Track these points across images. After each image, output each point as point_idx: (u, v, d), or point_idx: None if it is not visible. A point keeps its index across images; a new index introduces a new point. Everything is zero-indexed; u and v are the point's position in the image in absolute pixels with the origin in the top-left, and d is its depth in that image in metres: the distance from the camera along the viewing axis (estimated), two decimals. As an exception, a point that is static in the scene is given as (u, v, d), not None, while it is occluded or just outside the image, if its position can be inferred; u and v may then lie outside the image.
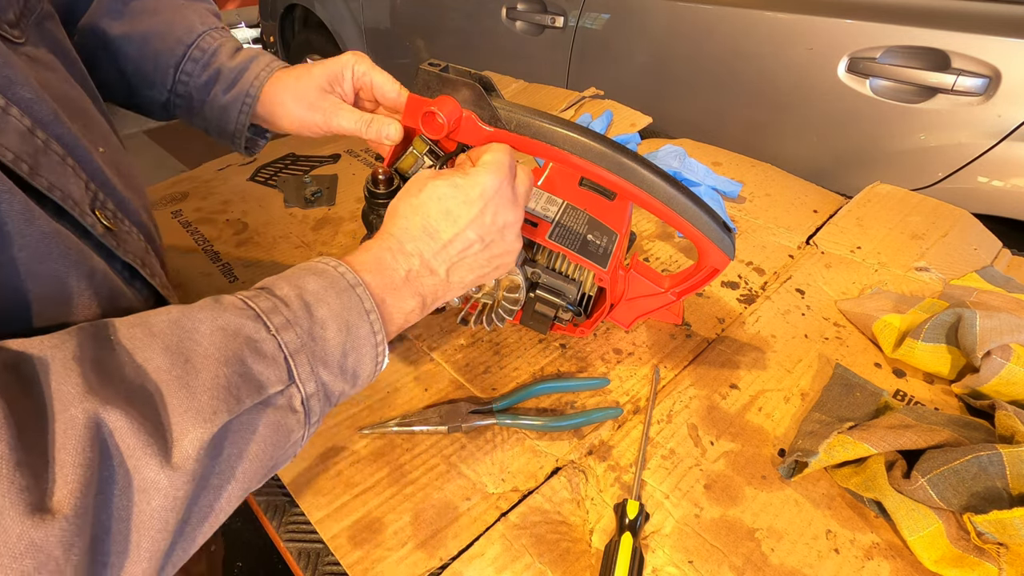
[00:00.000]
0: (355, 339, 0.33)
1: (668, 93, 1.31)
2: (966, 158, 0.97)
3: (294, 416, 0.30)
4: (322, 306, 0.32)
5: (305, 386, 0.30)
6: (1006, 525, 0.37)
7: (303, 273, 0.33)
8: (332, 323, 0.32)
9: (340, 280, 0.33)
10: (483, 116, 0.46)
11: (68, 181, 0.31)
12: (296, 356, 0.30)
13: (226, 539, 1.27)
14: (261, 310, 0.30)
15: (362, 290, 0.33)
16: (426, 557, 0.41)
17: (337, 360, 0.32)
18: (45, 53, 0.36)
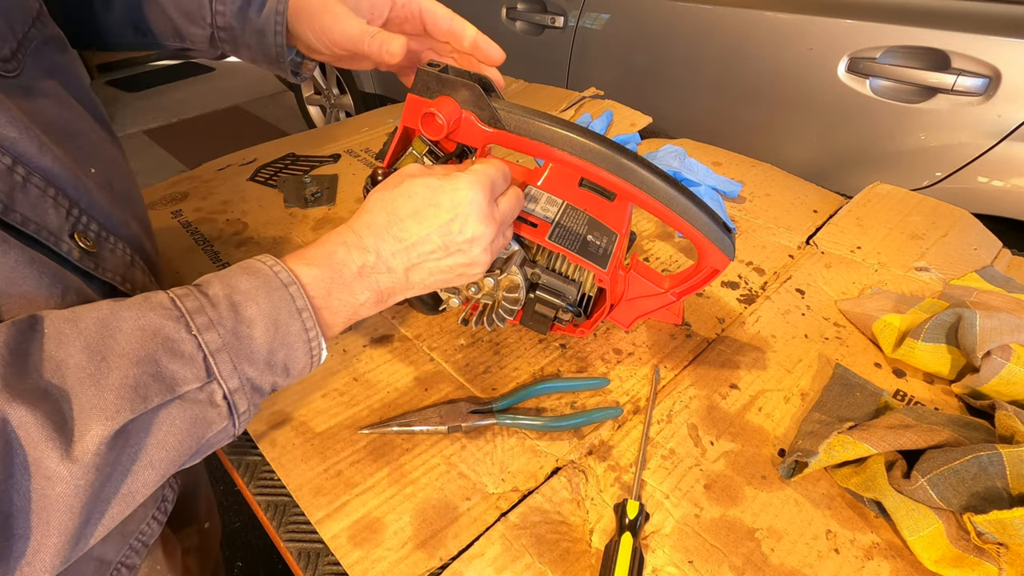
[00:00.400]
0: (284, 336, 0.34)
1: (668, 93, 1.31)
2: (966, 158, 0.97)
3: (215, 409, 0.32)
4: (251, 305, 0.33)
5: (227, 382, 0.32)
6: (1006, 525, 0.37)
7: (238, 272, 0.35)
8: (260, 322, 0.33)
9: (273, 279, 0.34)
10: (483, 117, 0.46)
11: (46, 212, 0.34)
12: (217, 355, 0.31)
13: (226, 539, 1.28)
14: (186, 310, 0.31)
15: (295, 289, 0.35)
16: (426, 557, 0.41)
17: (264, 357, 0.33)
18: (41, 79, 0.37)
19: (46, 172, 0.34)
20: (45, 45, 0.39)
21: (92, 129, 0.42)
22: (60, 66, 0.40)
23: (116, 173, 0.42)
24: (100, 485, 0.28)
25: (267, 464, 0.47)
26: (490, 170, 0.41)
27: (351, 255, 0.38)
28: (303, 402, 0.52)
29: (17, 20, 0.36)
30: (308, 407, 0.52)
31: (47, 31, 0.40)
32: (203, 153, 1.09)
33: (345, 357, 0.57)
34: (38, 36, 0.38)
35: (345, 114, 2.57)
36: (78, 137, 0.39)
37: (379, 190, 0.40)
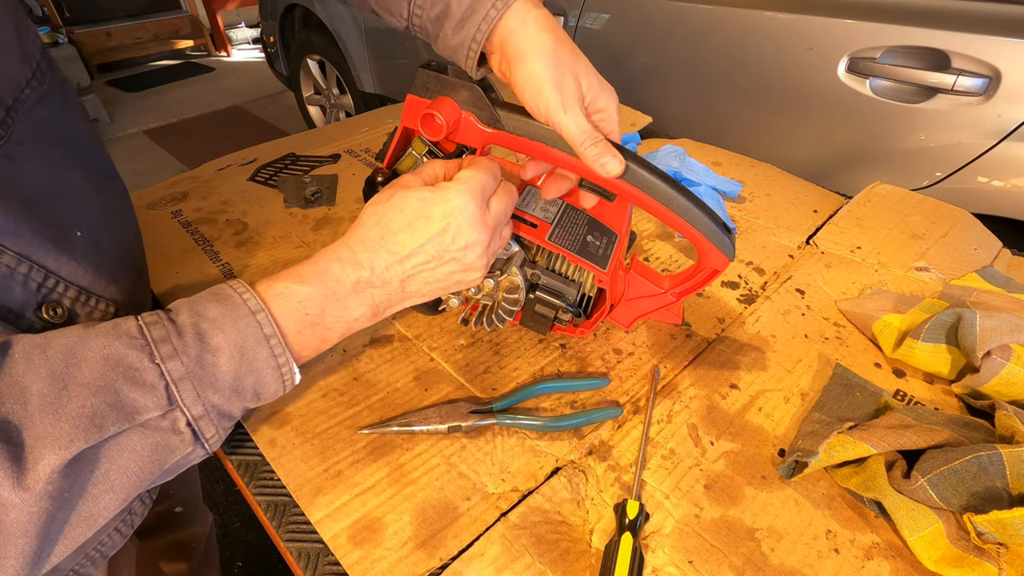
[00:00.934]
0: (251, 363, 0.34)
1: (668, 93, 1.31)
2: (966, 158, 0.97)
3: (178, 436, 0.33)
4: (217, 334, 0.33)
5: (190, 410, 0.32)
6: (1006, 525, 0.37)
7: (208, 299, 0.35)
8: (225, 350, 0.33)
9: (241, 307, 0.34)
10: (482, 117, 0.46)
11: (10, 291, 0.34)
12: (180, 383, 0.32)
13: (226, 539, 1.28)
14: (152, 339, 0.32)
15: (263, 316, 0.35)
16: (426, 557, 0.41)
17: (229, 384, 0.34)
18: (29, 143, 0.36)
19: (23, 249, 0.34)
20: (39, 102, 0.38)
21: (84, 182, 0.41)
22: (53, 121, 0.39)
23: (106, 226, 0.42)
24: (55, 511, 0.29)
25: (267, 464, 0.47)
26: (479, 175, 0.40)
27: (345, 271, 0.38)
28: (303, 402, 0.52)
29: (7, 90, 0.35)
30: (308, 407, 0.52)
31: (44, 88, 0.38)
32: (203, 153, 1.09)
33: (345, 357, 0.57)
34: (32, 96, 0.37)
35: (345, 114, 2.57)
36: (65, 198, 0.39)
37: (372, 204, 0.40)
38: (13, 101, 0.35)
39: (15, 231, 0.33)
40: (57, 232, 0.36)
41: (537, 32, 0.42)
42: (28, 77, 0.37)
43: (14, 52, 0.36)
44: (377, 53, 2.11)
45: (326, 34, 2.28)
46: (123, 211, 0.47)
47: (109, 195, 0.44)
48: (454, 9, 0.43)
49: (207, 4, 4.89)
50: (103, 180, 0.44)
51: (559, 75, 0.41)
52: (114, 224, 0.44)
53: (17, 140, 0.35)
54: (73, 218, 0.39)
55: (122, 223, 0.46)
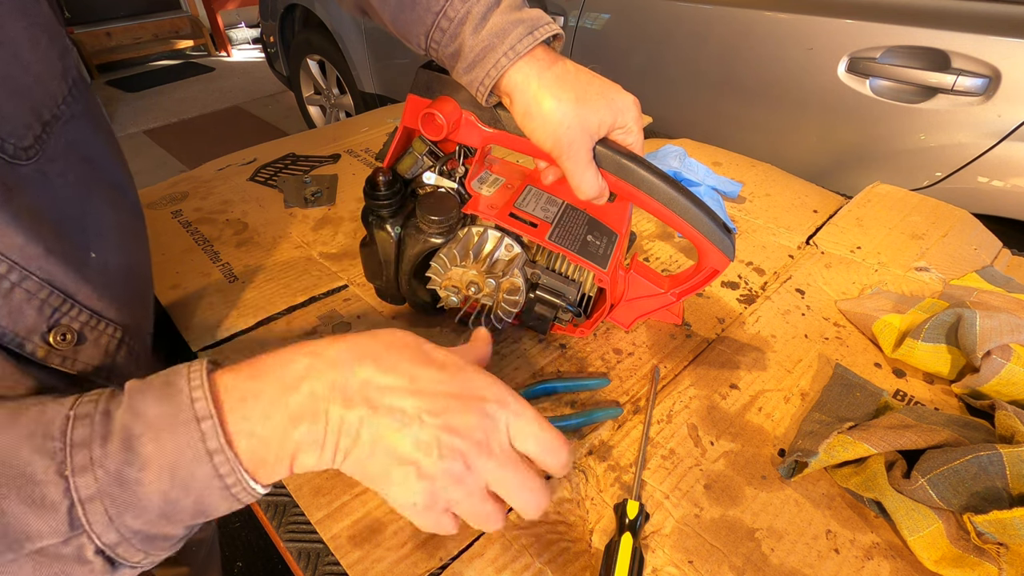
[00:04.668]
0: (186, 482, 0.27)
1: (668, 93, 1.31)
2: (966, 158, 0.97)
3: (84, 567, 0.27)
4: (149, 442, 0.27)
5: (101, 537, 0.26)
6: (1006, 525, 0.37)
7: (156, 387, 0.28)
8: (154, 464, 0.27)
9: (185, 409, 0.27)
10: (483, 117, 0.46)
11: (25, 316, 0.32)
12: (87, 504, 0.26)
13: (226, 539, 1.28)
14: (70, 442, 0.26)
15: (209, 425, 0.27)
16: (426, 557, 0.41)
17: (157, 507, 0.27)
18: (58, 160, 0.35)
19: (47, 275, 0.32)
20: (72, 119, 0.37)
21: (103, 202, 0.40)
22: (83, 139, 0.38)
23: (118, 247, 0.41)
24: None
25: (267, 464, 0.47)
26: None
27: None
28: (303, 402, 0.52)
29: (46, 105, 0.34)
30: (308, 407, 0.52)
31: (78, 106, 0.38)
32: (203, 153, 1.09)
33: (345, 357, 0.57)
34: (67, 113, 0.36)
35: (345, 114, 2.57)
36: (85, 218, 0.37)
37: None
38: (50, 117, 0.35)
39: (44, 255, 0.32)
40: (76, 254, 0.35)
41: (540, 90, 0.42)
42: (64, 94, 0.37)
43: (56, 70, 0.36)
44: (377, 53, 2.11)
45: (326, 34, 2.28)
46: (135, 231, 0.45)
47: (124, 215, 0.43)
48: (466, 52, 0.43)
49: (207, 4, 4.89)
50: (120, 198, 0.43)
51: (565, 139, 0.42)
52: (124, 244, 0.42)
53: (51, 156, 0.34)
54: (90, 239, 0.37)
55: (132, 243, 0.44)
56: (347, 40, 2.17)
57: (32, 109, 0.33)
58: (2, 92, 0.31)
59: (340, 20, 2.16)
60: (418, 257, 0.52)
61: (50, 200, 0.34)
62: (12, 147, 0.31)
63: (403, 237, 0.52)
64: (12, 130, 0.32)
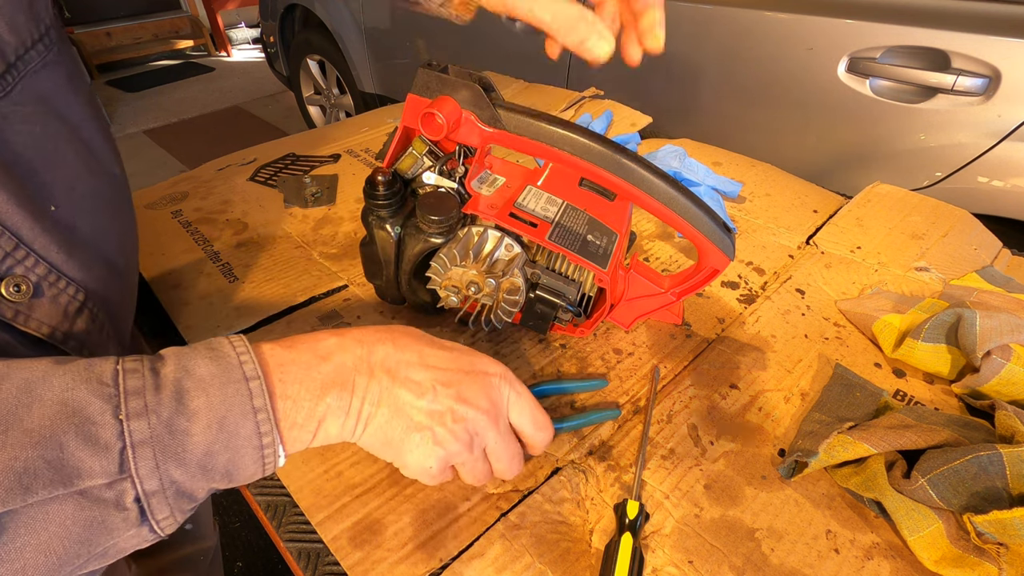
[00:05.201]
0: (229, 438, 0.29)
1: (668, 93, 1.31)
2: (966, 158, 0.97)
3: (120, 514, 0.27)
4: (199, 396, 0.28)
5: (144, 482, 0.27)
6: (1006, 525, 0.37)
7: (202, 353, 0.30)
8: (203, 416, 0.28)
9: (235, 369, 0.30)
10: (483, 117, 0.46)
11: None
12: (139, 448, 0.27)
13: (226, 539, 1.28)
14: (124, 389, 0.27)
15: (257, 384, 0.30)
16: (426, 558, 0.41)
17: (198, 459, 0.28)
18: (26, 105, 0.35)
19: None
20: (45, 68, 0.37)
21: (78, 163, 0.39)
22: (58, 95, 0.38)
23: (91, 211, 0.40)
24: None
25: (267, 464, 0.47)
26: None
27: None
28: (303, 402, 0.52)
29: (9, 43, 0.34)
30: (308, 407, 0.52)
31: (50, 55, 0.37)
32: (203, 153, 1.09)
33: (345, 357, 0.57)
34: (37, 59, 0.36)
35: (345, 114, 2.58)
36: (52, 171, 0.37)
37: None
38: (15, 59, 0.34)
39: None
40: (34, 202, 0.34)
41: None
42: (35, 38, 0.36)
43: (23, 5, 0.35)
44: (377, 53, 2.11)
45: (326, 34, 2.28)
46: (116, 204, 0.44)
47: (103, 183, 0.42)
48: None
49: (207, 4, 4.89)
50: (100, 166, 0.42)
51: None
52: (99, 212, 0.41)
53: (17, 101, 0.34)
54: (54, 192, 0.36)
55: (109, 213, 0.43)
56: (347, 40, 2.17)
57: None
58: None
59: (340, 20, 2.16)
60: (418, 257, 0.52)
61: (9, 144, 0.33)
62: None
63: (403, 237, 0.52)
64: None
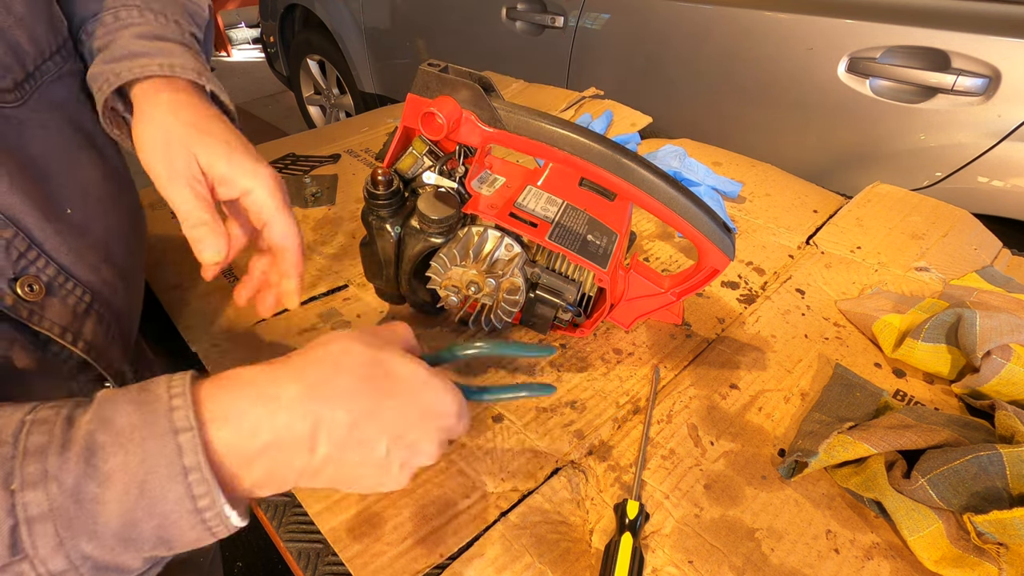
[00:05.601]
0: (153, 504, 0.24)
1: (668, 93, 1.31)
2: (966, 158, 0.97)
3: None
4: (116, 454, 0.23)
5: (47, 563, 0.23)
6: (1006, 525, 0.37)
7: (130, 395, 0.25)
8: (119, 480, 0.23)
9: (161, 420, 0.24)
10: (483, 116, 0.46)
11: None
12: (35, 524, 0.22)
13: (226, 539, 1.28)
14: (24, 450, 0.23)
15: (188, 438, 0.24)
16: (426, 553, 0.41)
17: (114, 531, 0.24)
18: (43, 113, 0.36)
19: (11, 212, 0.32)
20: (61, 78, 0.38)
21: (90, 168, 0.40)
22: (72, 101, 0.39)
23: (102, 214, 0.40)
24: None
25: (267, 464, 0.47)
26: None
27: None
28: (303, 402, 0.52)
29: (29, 53, 0.35)
30: (308, 407, 0.52)
31: (67, 66, 0.39)
32: (203, 153, 1.08)
33: (345, 357, 0.57)
34: (54, 70, 0.37)
35: (345, 114, 2.57)
36: (65, 175, 0.37)
37: None
38: (34, 68, 0.35)
39: (7, 190, 0.32)
40: (48, 204, 0.35)
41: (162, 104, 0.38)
42: (53, 50, 0.37)
43: (42, 15, 0.36)
44: (377, 53, 2.11)
45: (326, 34, 2.27)
46: (127, 210, 0.45)
47: (115, 189, 0.42)
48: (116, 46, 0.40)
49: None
50: (113, 173, 0.43)
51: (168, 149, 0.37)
52: (111, 216, 0.42)
53: (34, 108, 0.35)
54: (68, 196, 0.37)
55: (120, 218, 0.43)
56: (347, 40, 2.17)
57: (11, 50, 0.33)
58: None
59: (340, 20, 2.16)
60: (418, 257, 0.52)
61: (23, 148, 0.34)
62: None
63: (403, 237, 0.52)
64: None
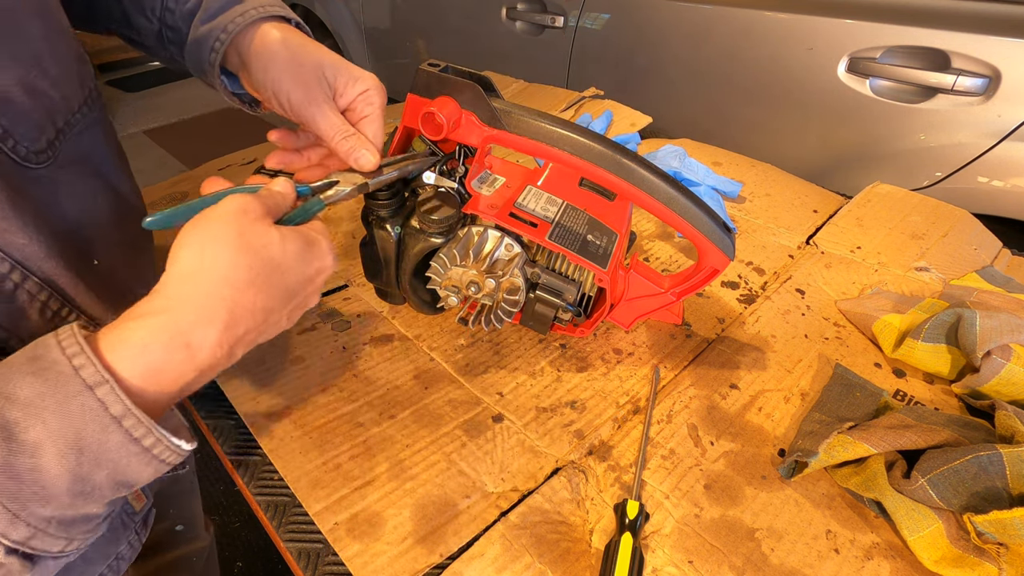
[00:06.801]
0: (98, 455, 0.25)
1: (668, 93, 1.31)
2: (966, 158, 0.97)
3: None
4: (34, 426, 0.24)
5: (7, 535, 0.24)
6: (1006, 525, 0.37)
7: (20, 370, 0.25)
8: (50, 447, 0.24)
9: (70, 381, 0.24)
10: (483, 117, 0.46)
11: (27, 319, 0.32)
12: None
13: (226, 539, 1.28)
14: None
15: (107, 390, 0.25)
16: (426, 553, 0.41)
17: (67, 488, 0.24)
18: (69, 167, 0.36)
19: (47, 276, 0.33)
20: (87, 130, 0.38)
21: (110, 213, 0.41)
22: (95, 152, 0.39)
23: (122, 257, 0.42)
24: None
25: (267, 464, 0.47)
26: None
27: None
28: (302, 396, 0.52)
29: (59, 111, 0.35)
30: (307, 401, 0.52)
31: (91, 116, 0.39)
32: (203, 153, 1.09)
33: (345, 355, 0.57)
34: (81, 122, 0.37)
35: (345, 114, 2.57)
36: (92, 227, 0.38)
37: None
38: (64, 124, 0.35)
39: (45, 255, 0.32)
40: (78, 259, 0.35)
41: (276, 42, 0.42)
42: (80, 102, 0.38)
43: (73, 75, 0.37)
44: (377, 53, 2.11)
45: (326, 34, 2.27)
46: (142, 244, 0.46)
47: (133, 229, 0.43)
48: (208, 3, 0.43)
49: (207, 4, 4.88)
50: (130, 212, 0.43)
51: (300, 77, 0.41)
52: (131, 257, 0.43)
53: (61, 164, 0.35)
54: (95, 247, 0.38)
55: (137, 256, 0.45)
56: (347, 40, 2.17)
57: (47, 112, 0.34)
58: (20, 92, 0.31)
59: (340, 20, 2.16)
60: (418, 257, 0.52)
61: (56, 206, 0.34)
62: (24, 150, 0.32)
63: (403, 237, 0.52)
64: (26, 132, 0.32)
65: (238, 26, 0.42)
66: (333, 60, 0.43)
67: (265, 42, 0.42)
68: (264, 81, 0.42)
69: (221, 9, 0.43)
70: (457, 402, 0.52)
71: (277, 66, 0.41)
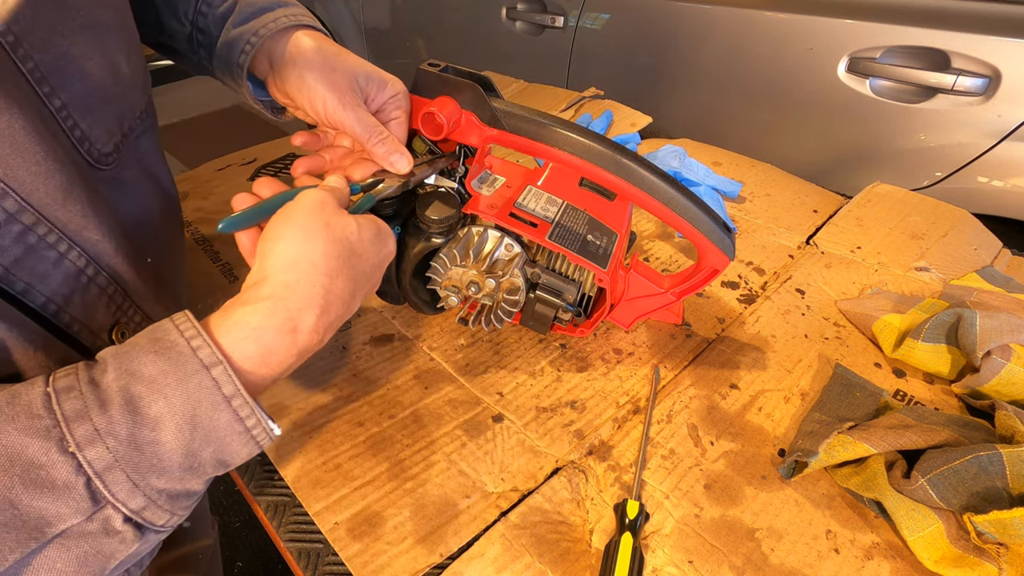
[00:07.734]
0: (208, 433, 0.27)
1: (668, 93, 1.31)
2: (966, 158, 0.97)
3: (113, 538, 0.26)
4: (156, 401, 0.26)
5: (126, 504, 0.26)
6: (1006, 525, 0.37)
7: (145, 347, 0.27)
8: (169, 421, 0.26)
9: (189, 359, 0.27)
10: (483, 117, 0.46)
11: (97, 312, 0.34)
12: (106, 475, 0.25)
13: (226, 539, 1.28)
14: (63, 417, 0.24)
15: (220, 370, 0.27)
16: (426, 552, 0.41)
17: (179, 462, 0.27)
18: (130, 169, 0.39)
19: (115, 272, 0.35)
20: (145, 133, 0.40)
21: (159, 213, 0.43)
22: (149, 153, 0.42)
23: (166, 255, 0.44)
24: None
25: (267, 464, 0.47)
26: None
27: None
28: (302, 396, 0.52)
29: (126, 116, 0.38)
30: (307, 401, 0.52)
31: (148, 120, 0.41)
32: (203, 153, 1.09)
33: (345, 355, 0.57)
34: (141, 127, 0.40)
35: (345, 114, 2.57)
36: (147, 226, 0.40)
37: None
38: (128, 128, 0.38)
39: (113, 252, 0.34)
40: (137, 257, 0.37)
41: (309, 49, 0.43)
42: (142, 108, 0.40)
43: (139, 81, 0.39)
44: (377, 53, 2.11)
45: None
46: (180, 244, 0.48)
47: (174, 226, 0.46)
48: (243, 6, 0.45)
49: (207, 4, 4.88)
50: (172, 210, 0.46)
51: (333, 82, 0.42)
52: (175, 254, 0.46)
53: (124, 165, 0.37)
54: (148, 245, 0.40)
55: (176, 253, 0.47)
56: (347, 40, 2.17)
57: (117, 117, 0.36)
58: (100, 100, 0.34)
59: (340, 20, 2.16)
60: (418, 257, 0.52)
61: (121, 206, 0.37)
62: (97, 152, 0.35)
63: (403, 237, 0.52)
64: (99, 136, 0.35)
65: (270, 31, 0.43)
66: (364, 67, 0.45)
67: (300, 49, 0.43)
68: (299, 87, 0.43)
69: (254, 15, 0.44)
70: (457, 402, 0.52)
71: (312, 73, 0.43)
